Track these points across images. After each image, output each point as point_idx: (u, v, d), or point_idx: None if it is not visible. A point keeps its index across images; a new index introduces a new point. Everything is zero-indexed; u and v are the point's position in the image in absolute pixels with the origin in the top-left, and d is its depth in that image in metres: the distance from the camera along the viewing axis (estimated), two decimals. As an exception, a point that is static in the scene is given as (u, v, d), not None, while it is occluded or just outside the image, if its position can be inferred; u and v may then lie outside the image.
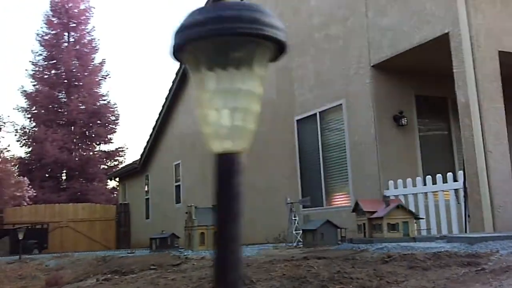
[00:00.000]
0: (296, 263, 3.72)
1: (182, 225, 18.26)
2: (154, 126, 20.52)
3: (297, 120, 12.65)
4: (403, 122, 10.53)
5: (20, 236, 9.26)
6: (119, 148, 33.71)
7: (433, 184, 9.14)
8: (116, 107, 33.19)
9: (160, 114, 19.93)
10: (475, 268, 3.13)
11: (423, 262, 3.35)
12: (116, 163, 32.89)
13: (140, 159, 22.15)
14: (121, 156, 33.47)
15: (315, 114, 12.00)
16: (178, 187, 19.29)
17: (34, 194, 30.11)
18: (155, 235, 8.95)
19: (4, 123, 24.14)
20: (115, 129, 33.21)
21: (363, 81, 10.61)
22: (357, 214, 6.66)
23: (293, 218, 7.83)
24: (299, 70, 12.66)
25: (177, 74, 18.40)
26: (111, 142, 33.40)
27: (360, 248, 4.85)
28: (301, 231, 7.00)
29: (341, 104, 11.22)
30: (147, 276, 3.87)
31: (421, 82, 10.92)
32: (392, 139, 10.47)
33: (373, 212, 6.20)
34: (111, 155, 33.26)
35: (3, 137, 26.24)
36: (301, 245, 6.59)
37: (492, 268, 3.05)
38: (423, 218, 7.10)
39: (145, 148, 21.66)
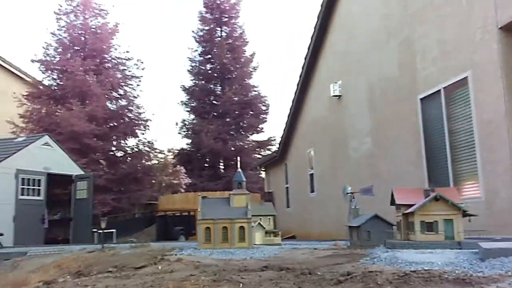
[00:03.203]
0: (230, 276, 2.92)
1: (317, 215, 17.74)
2: (289, 114, 20.07)
3: (421, 99, 11.13)
4: (543, 94, 8.53)
5: (103, 225, 9.41)
6: (270, 137, 33.97)
7: None
8: (266, 97, 33.43)
9: (293, 101, 19.42)
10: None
11: (379, 288, 2.29)
12: (268, 152, 33.22)
13: (278, 147, 21.91)
14: (273, 145, 33.73)
15: (439, 91, 10.41)
16: (312, 175, 18.62)
17: (190, 182, 31.83)
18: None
19: (146, 120, 25.54)
20: (266, 119, 33.49)
21: (490, 47, 8.85)
22: (395, 208, 5.29)
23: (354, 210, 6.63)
24: (421, 40, 11.11)
25: (305, 58, 17.72)
26: (263, 132, 33.80)
27: (368, 254, 3.72)
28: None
29: (466, 77, 9.52)
30: (91, 280, 3.40)
31: None
32: (530, 115, 8.56)
33: (410, 206, 4.80)
34: (262, 144, 33.66)
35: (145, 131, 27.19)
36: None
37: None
38: (476, 215, 5.24)
39: (282, 137, 21.36)
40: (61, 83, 23.71)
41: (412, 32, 11.45)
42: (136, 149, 25.48)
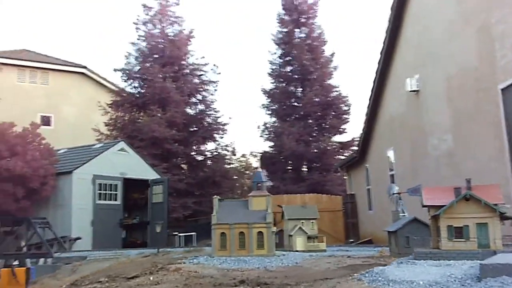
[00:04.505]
0: None
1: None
2: (366, 113, 19.30)
3: (502, 89, 10.12)
4: None
5: (158, 229, 9.33)
6: (354, 138, 33.02)
7: None
8: (347, 97, 32.56)
9: (370, 99, 18.63)
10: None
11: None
12: (351, 153, 32.31)
13: (358, 148, 21.16)
14: (356, 146, 32.77)
15: (521, 79, 9.41)
16: (392, 176, 17.72)
17: (272, 184, 31.65)
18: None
19: (224, 124, 25.72)
20: (348, 119, 32.61)
21: None
22: (427, 211, 4.50)
23: (402, 214, 5.93)
24: (499, 25, 10.12)
25: (380, 53, 16.93)
26: (346, 132, 32.96)
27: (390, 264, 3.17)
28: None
29: (551, 62, 8.51)
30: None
31: None
32: None
33: (440, 207, 4.01)
34: (346, 145, 32.76)
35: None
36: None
37: None
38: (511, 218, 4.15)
39: (360, 137, 20.61)
40: (142, 90, 24.51)
41: (489, 17, 10.47)
42: (215, 153, 25.77)
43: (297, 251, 5.97)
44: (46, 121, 27.31)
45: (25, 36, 60.64)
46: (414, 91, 14.77)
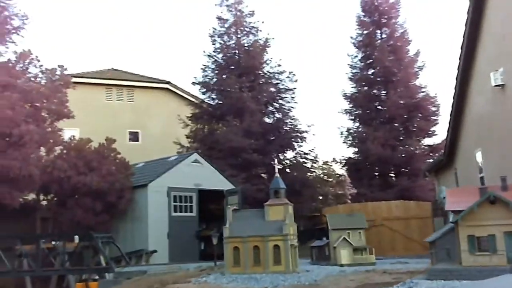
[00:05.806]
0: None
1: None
2: (451, 112, 18.10)
3: None
4: None
5: (214, 242, 9.08)
6: (444, 140, 31.24)
7: None
8: (435, 98, 30.93)
9: (454, 98, 17.45)
10: None
11: None
12: (438, 156, 30.58)
13: (444, 150, 19.90)
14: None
15: None
16: (482, 178, 16.41)
17: (356, 192, 30.73)
18: (316, 243, 7.36)
19: (302, 132, 25.24)
20: (437, 120, 30.95)
21: None
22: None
23: (452, 221, 5.15)
24: None
25: (461, 48, 15.81)
26: (435, 135, 31.31)
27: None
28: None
29: None
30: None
31: None
32: None
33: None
34: (435, 148, 31.07)
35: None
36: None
37: None
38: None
39: (446, 138, 19.37)
40: (220, 102, 24.76)
41: None
42: (294, 161, 25.42)
43: (342, 265, 5.45)
44: (134, 137, 28.44)
45: (112, 53, 64.07)
46: (499, 85, 13.61)
